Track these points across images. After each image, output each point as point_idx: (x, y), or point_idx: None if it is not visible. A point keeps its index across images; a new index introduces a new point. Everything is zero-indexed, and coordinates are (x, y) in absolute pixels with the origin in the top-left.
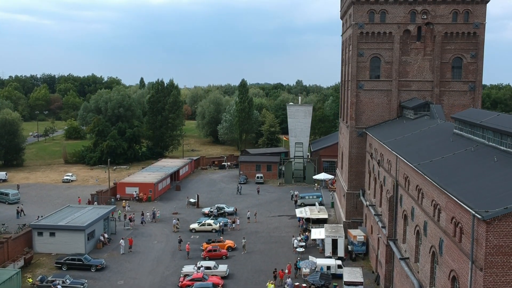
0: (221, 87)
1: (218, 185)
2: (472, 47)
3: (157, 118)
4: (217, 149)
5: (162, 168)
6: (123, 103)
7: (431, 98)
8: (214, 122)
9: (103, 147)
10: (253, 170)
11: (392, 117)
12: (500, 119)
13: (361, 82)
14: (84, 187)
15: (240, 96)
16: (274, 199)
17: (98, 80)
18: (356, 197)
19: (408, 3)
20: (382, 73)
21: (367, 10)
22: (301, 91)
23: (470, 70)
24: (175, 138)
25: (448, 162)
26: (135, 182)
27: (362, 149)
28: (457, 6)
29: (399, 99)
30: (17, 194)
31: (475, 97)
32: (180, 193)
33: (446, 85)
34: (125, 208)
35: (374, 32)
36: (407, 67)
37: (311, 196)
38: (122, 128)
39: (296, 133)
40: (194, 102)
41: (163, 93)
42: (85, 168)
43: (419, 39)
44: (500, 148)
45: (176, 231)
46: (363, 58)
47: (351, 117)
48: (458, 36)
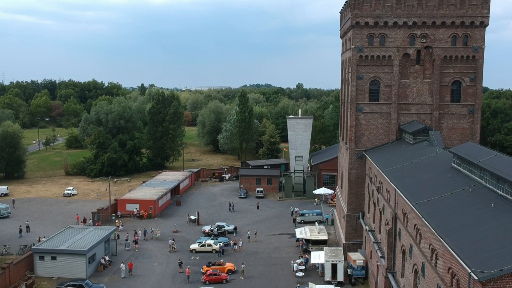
0: (221, 91)
1: (218, 199)
2: (471, 70)
3: (158, 129)
4: (217, 159)
5: (162, 183)
6: (123, 115)
7: (430, 121)
8: (215, 131)
9: (104, 159)
10: (253, 183)
11: (391, 139)
12: (497, 160)
13: (361, 105)
14: (84, 202)
15: (241, 106)
16: (274, 215)
17: (99, 86)
18: (355, 219)
19: (407, 27)
20: (382, 96)
21: (366, 34)
22: (301, 96)
23: (469, 94)
24: (175, 149)
25: (446, 203)
26: (136, 199)
27: (361, 171)
28: (456, 30)
29: (398, 122)
30: (7, 208)
31: (474, 120)
32: (181, 208)
33: (445, 108)
34: (118, 227)
35: (374, 56)
36: (406, 90)
37: (311, 213)
38: (123, 140)
39: (296, 145)
40: (194, 108)
41: (163, 104)
42: (85, 180)
43: (418, 62)
44: (497, 192)
45: (172, 251)
46: (362, 81)
47: (351, 139)
48: (457, 59)
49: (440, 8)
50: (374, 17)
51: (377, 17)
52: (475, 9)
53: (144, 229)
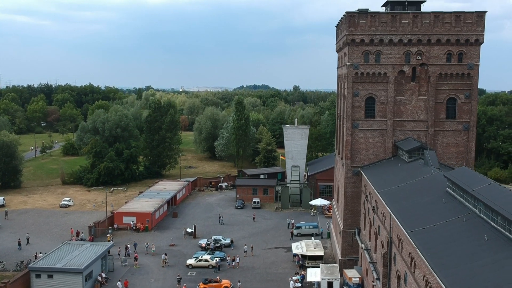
0: (218, 93)
1: (215, 210)
2: (466, 87)
3: (155, 137)
4: (214, 166)
5: (159, 193)
6: (120, 124)
7: (426, 138)
8: (211, 138)
9: (101, 168)
10: (249, 193)
11: (387, 156)
12: (491, 190)
13: (356, 122)
14: (81, 214)
15: (237, 114)
16: (270, 227)
17: (96, 90)
18: (351, 236)
19: (403, 45)
20: (377, 113)
21: (362, 51)
22: (298, 99)
23: (464, 110)
24: (172, 157)
25: (440, 232)
26: (132, 212)
27: (357, 187)
28: (451, 48)
29: (394, 139)
30: None
31: (469, 137)
32: (177, 220)
33: (441, 125)
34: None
35: (369, 73)
36: (401, 107)
37: (308, 226)
38: (120, 149)
39: (292, 155)
40: (191, 113)
41: (160, 112)
42: (82, 190)
43: (413, 79)
44: (491, 224)
45: (165, 265)
46: (358, 98)
47: (347, 156)
48: (452, 77)
49: (435, 25)
50: (370, 34)
51: (372, 35)
52: (470, 27)
53: (134, 242)
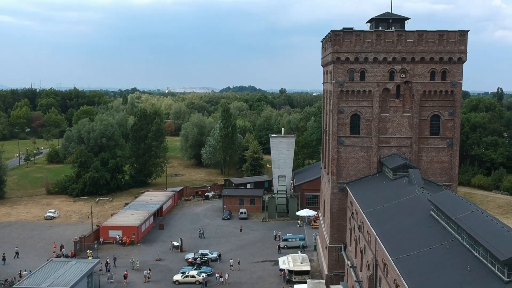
0: (204, 96)
1: (201, 221)
2: (450, 104)
3: (140, 146)
4: (200, 173)
5: (145, 205)
6: (105, 133)
7: (410, 155)
8: (198, 145)
9: (86, 178)
10: (236, 204)
11: (372, 172)
12: (474, 218)
13: (342, 138)
14: (66, 226)
15: (224, 121)
16: (257, 239)
17: (81, 94)
18: (338, 251)
19: (387, 63)
20: (362, 130)
21: (347, 69)
22: (284, 102)
23: (448, 127)
24: (158, 165)
25: (424, 260)
26: (118, 225)
27: (343, 203)
28: (435, 66)
29: (379, 155)
30: None
31: (453, 153)
32: (164, 232)
33: (425, 141)
34: (89, 258)
35: (354, 90)
36: (386, 124)
37: (294, 238)
38: (105, 159)
39: (279, 164)
40: (177, 118)
41: (146, 120)
42: (67, 200)
43: (398, 97)
44: (474, 253)
45: (147, 281)
46: (343, 115)
47: (333, 172)
48: (436, 94)
49: (419, 44)
50: (355, 52)
51: (357, 53)
52: (453, 46)
53: (114, 256)
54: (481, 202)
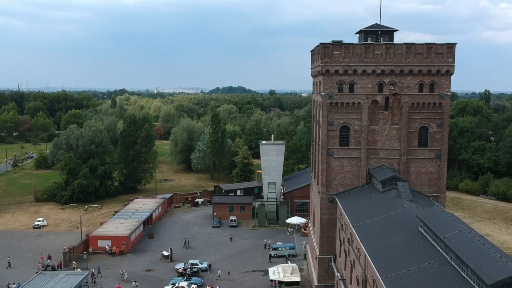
0: (194, 98)
1: (191, 229)
2: (438, 116)
3: (129, 152)
4: (190, 178)
5: (134, 213)
6: (94, 140)
7: (399, 166)
8: (187, 150)
9: (75, 185)
10: (226, 211)
11: (361, 183)
12: (462, 238)
13: (331, 150)
14: (55, 235)
15: (213, 127)
16: (247, 247)
17: (69, 97)
18: (327, 262)
19: (376, 75)
20: (352, 141)
21: (336, 81)
22: (274, 104)
23: (436, 139)
24: (148, 171)
25: (413, 279)
26: (108, 235)
27: (333, 214)
28: (423, 78)
29: (368, 167)
30: None
31: (441, 165)
32: (153, 241)
33: (413, 153)
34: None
35: (344, 102)
36: (375, 136)
37: (284, 247)
38: (94, 165)
39: (269, 171)
40: (166, 122)
41: (135, 127)
42: (56, 208)
43: (386, 109)
44: (461, 273)
45: None
46: (333, 127)
47: (322, 183)
48: (424, 106)
49: (408, 57)
50: (344, 65)
51: (346, 65)
52: (441, 58)
53: (98, 266)
54: (468, 207)
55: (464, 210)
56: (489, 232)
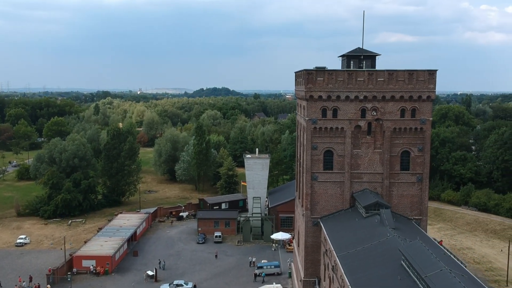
0: (178, 102)
1: (176, 245)
2: (419, 141)
3: (113, 165)
4: (174, 189)
5: (119, 230)
6: (78, 153)
7: (382, 189)
8: (171, 160)
9: (58, 200)
10: (211, 226)
11: (345, 207)
12: (443, 278)
13: (316, 174)
14: (38, 253)
15: (197, 138)
16: (232, 265)
17: (51, 103)
18: (312, 285)
19: (359, 101)
20: (335, 166)
21: (320, 107)
22: (258, 108)
23: (418, 163)
24: (132, 184)
25: None
26: (92, 255)
27: (317, 237)
28: (405, 104)
29: (352, 190)
30: None
31: (422, 188)
32: (138, 259)
33: (395, 176)
34: None
35: (327, 127)
36: (358, 160)
37: (269, 266)
38: (77, 180)
39: (254, 184)
40: (150, 129)
41: (118, 139)
42: (39, 223)
43: (369, 133)
44: None
45: None
46: (317, 151)
47: (307, 207)
48: (406, 131)
49: (390, 83)
50: (327, 91)
51: (330, 91)
52: (422, 84)
53: None
54: (450, 218)
55: (446, 221)
56: (470, 245)
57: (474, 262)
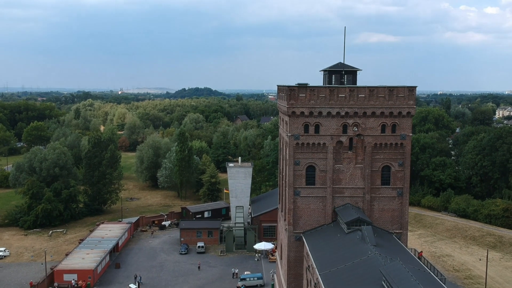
0: (159, 104)
1: (158, 256)
2: (400, 156)
3: (94, 174)
4: (156, 196)
5: (100, 242)
6: (58, 163)
7: (363, 204)
8: (153, 166)
9: (38, 210)
10: (194, 236)
11: (327, 221)
12: None
13: (298, 189)
14: (18, 266)
15: (180, 145)
16: (215, 277)
17: (31, 107)
18: None
19: (340, 117)
20: (317, 181)
21: (302, 123)
22: (241, 111)
23: (398, 177)
24: (113, 192)
25: None
26: (73, 269)
27: (300, 252)
28: (385, 120)
29: (334, 205)
30: None
31: (403, 202)
32: (120, 272)
33: (376, 191)
34: None
35: (309, 143)
36: (340, 175)
37: (252, 277)
38: (58, 189)
39: (237, 193)
40: (132, 134)
41: (100, 147)
42: (19, 234)
43: (351, 149)
44: None
45: None
46: (299, 167)
47: (289, 222)
48: (386, 146)
49: (371, 99)
50: (309, 107)
51: (312, 108)
52: (402, 101)
53: None
54: (430, 224)
55: (426, 227)
56: (450, 252)
57: (453, 270)
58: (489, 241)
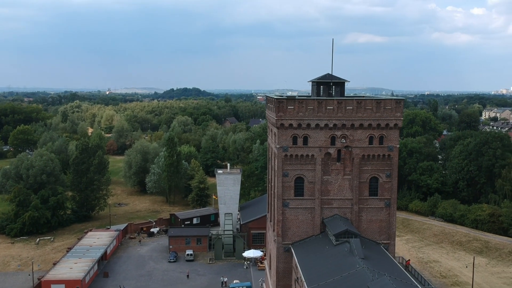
0: (148, 105)
1: (147, 265)
2: (387, 167)
3: (82, 180)
4: (145, 201)
5: (89, 250)
6: (45, 169)
7: (351, 215)
8: (142, 171)
9: (25, 218)
10: (182, 244)
11: (316, 232)
12: None
13: (287, 201)
14: (5, 276)
15: (168, 150)
16: (204, 285)
17: (17, 110)
18: None
19: (329, 129)
20: (306, 192)
21: (290, 134)
22: (229, 113)
23: (386, 189)
24: (101, 198)
25: None
26: (61, 279)
27: (289, 263)
28: (373, 131)
29: (322, 216)
30: None
31: (390, 213)
32: (109, 281)
33: (364, 202)
34: None
35: (298, 155)
36: (328, 186)
37: (241, 286)
38: (45, 196)
39: (225, 200)
40: (119, 137)
41: (87, 153)
42: (5, 242)
43: (339, 160)
44: None
45: None
46: (288, 178)
47: (278, 233)
48: (374, 158)
49: (358, 111)
50: (298, 119)
51: (300, 120)
52: (390, 113)
53: None
54: (418, 229)
55: (414, 232)
56: (437, 258)
57: (441, 276)
58: (476, 247)
